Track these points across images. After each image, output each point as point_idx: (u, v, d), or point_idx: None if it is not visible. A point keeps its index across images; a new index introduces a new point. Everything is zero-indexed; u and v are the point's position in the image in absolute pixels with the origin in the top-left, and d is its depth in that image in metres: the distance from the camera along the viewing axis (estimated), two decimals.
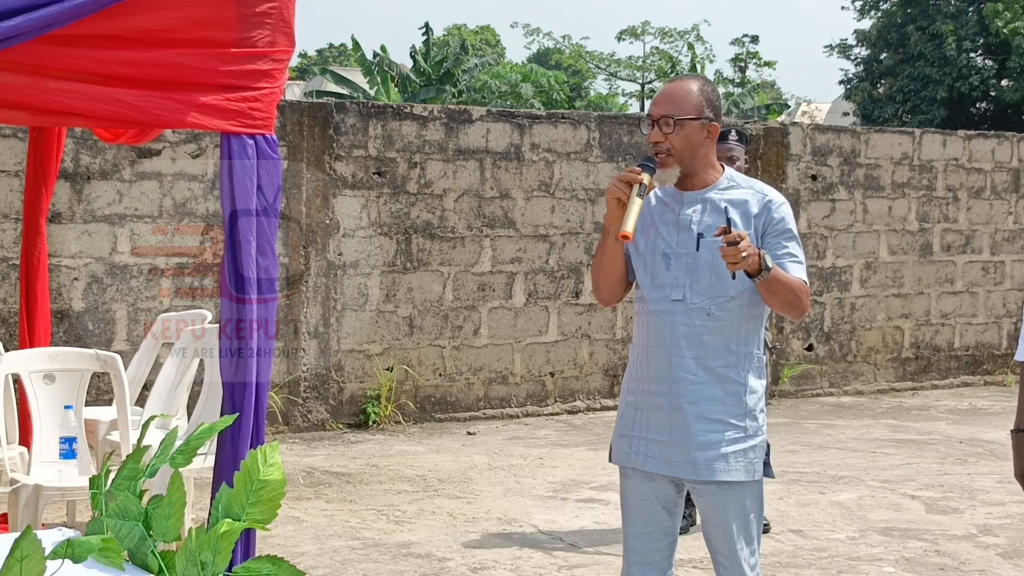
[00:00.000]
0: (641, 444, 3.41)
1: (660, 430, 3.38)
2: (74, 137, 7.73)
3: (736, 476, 3.35)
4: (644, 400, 3.41)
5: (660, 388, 3.37)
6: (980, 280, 11.45)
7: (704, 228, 3.34)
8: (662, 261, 3.37)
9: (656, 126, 3.35)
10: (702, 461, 3.34)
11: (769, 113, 35.51)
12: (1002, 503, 6.74)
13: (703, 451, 3.33)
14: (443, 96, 28.09)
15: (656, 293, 3.38)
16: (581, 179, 9.53)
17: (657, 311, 3.37)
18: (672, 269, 3.36)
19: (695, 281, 3.33)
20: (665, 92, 3.40)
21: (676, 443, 3.35)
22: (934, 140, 11.19)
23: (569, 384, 9.58)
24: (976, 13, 25.81)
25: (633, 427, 3.44)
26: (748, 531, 3.41)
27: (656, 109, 3.37)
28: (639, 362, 3.44)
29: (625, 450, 3.46)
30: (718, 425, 3.34)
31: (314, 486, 7.00)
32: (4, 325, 7.65)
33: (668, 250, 3.36)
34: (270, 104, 3.43)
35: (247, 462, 2.63)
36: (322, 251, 8.63)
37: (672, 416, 3.35)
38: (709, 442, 3.33)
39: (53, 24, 3.01)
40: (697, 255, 3.34)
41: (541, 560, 5.60)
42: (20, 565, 2.23)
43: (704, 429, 3.33)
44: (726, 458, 3.34)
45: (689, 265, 3.34)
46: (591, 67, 42.91)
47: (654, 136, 3.36)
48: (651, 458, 3.39)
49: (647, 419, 3.40)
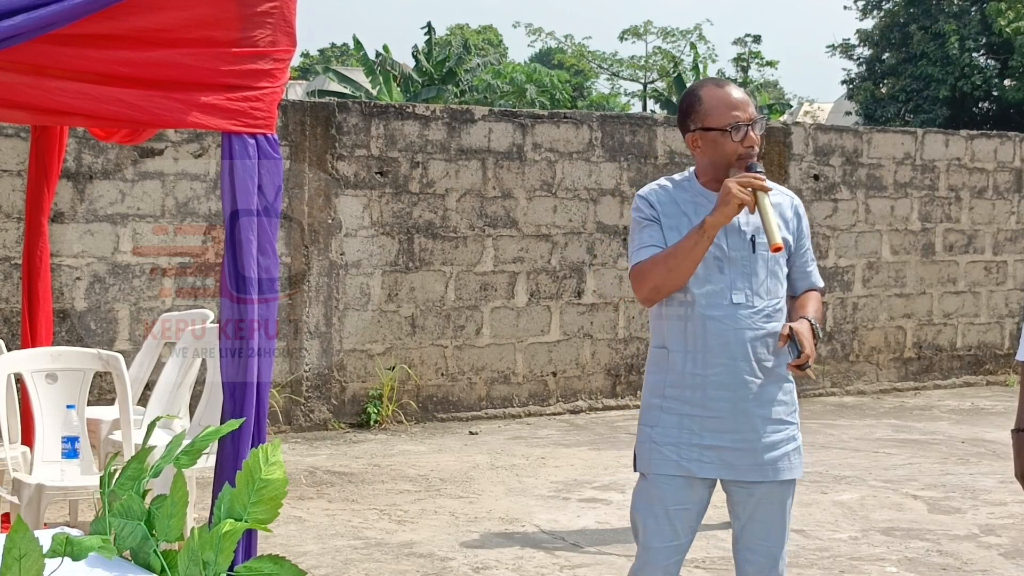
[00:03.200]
0: (694, 451, 3.34)
1: (718, 435, 3.33)
2: (76, 137, 7.73)
3: (796, 473, 3.42)
4: (695, 406, 3.33)
5: (721, 394, 3.32)
6: (982, 280, 11.44)
7: (754, 230, 3.35)
8: (715, 264, 3.32)
9: (752, 128, 3.33)
10: (769, 462, 3.36)
11: (771, 113, 35.50)
12: (1004, 503, 6.73)
13: (770, 452, 3.36)
14: (445, 96, 28.10)
15: (712, 298, 3.32)
16: (583, 179, 9.52)
17: (716, 315, 3.31)
18: (727, 272, 3.33)
19: (754, 284, 3.34)
20: (743, 94, 3.38)
21: (740, 447, 3.33)
22: (936, 140, 11.18)
23: (571, 384, 9.57)
24: (979, 12, 25.81)
25: (680, 434, 3.35)
26: (788, 526, 3.46)
27: (750, 112, 3.33)
28: (684, 367, 3.35)
29: (672, 458, 3.35)
30: (780, 425, 3.39)
31: (316, 486, 7.00)
32: (6, 324, 7.65)
33: (720, 253, 3.32)
34: (271, 104, 3.42)
35: (249, 461, 2.63)
36: (324, 251, 8.63)
37: (736, 420, 3.33)
38: (774, 442, 3.36)
39: (54, 24, 3.01)
40: (753, 257, 3.35)
41: (543, 560, 5.60)
42: (19, 564, 2.23)
43: (770, 431, 3.36)
44: (788, 456, 3.40)
45: (746, 269, 3.34)
46: (593, 67, 42.95)
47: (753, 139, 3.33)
48: (708, 464, 3.34)
49: (700, 425, 3.33)
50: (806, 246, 3.49)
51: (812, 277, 3.50)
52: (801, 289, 3.49)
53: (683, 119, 3.42)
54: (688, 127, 3.40)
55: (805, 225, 3.48)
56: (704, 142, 3.36)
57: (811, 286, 3.49)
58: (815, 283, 3.50)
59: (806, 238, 3.48)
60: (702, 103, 3.35)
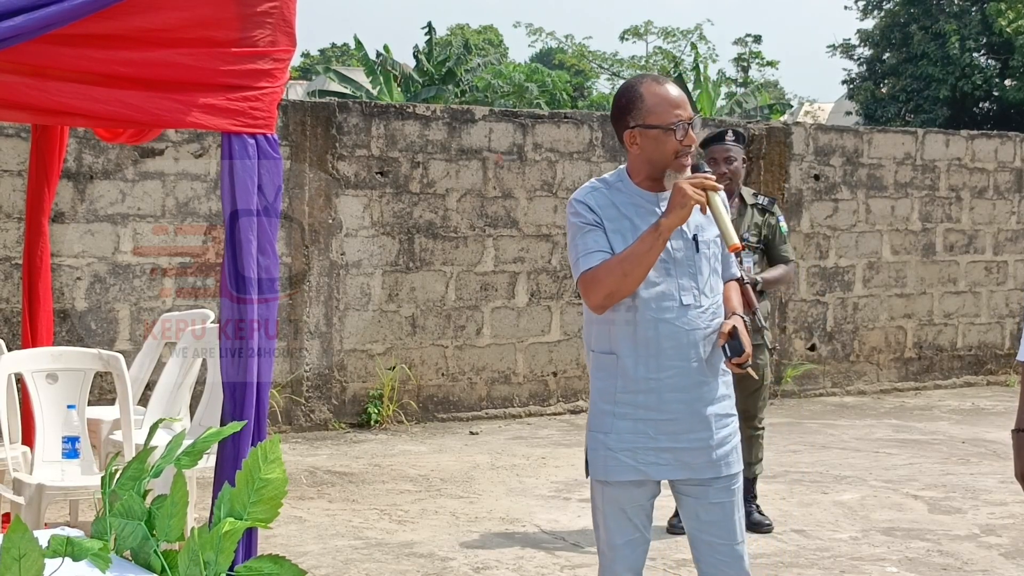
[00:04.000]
0: (650, 455, 3.33)
1: (675, 437, 3.32)
2: (77, 137, 7.73)
3: (739, 466, 3.44)
4: (650, 410, 3.32)
5: (676, 396, 3.31)
6: (983, 280, 11.44)
7: (696, 229, 3.36)
8: (661, 266, 3.29)
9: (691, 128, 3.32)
10: (721, 457, 3.37)
11: (772, 113, 35.47)
12: (1005, 503, 6.73)
13: (720, 448, 3.37)
14: (446, 96, 28.09)
15: (661, 300, 3.30)
16: (584, 179, 9.51)
17: (668, 317, 3.29)
18: (674, 274, 3.32)
19: (700, 283, 3.34)
20: (680, 92, 3.36)
21: (695, 447, 3.34)
22: (937, 140, 11.18)
23: (572, 384, 9.58)
24: (979, 12, 25.80)
25: (635, 439, 3.33)
26: (742, 520, 3.46)
27: (689, 111, 3.32)
28: (636, 371, 3.32)
29: (629, 464, 3.33)
30: (726, 419, 3.41)
31: (317, 486, 7.01)
32: (7, 324, 7.65)
33: (666, 255, 3.29)
34: (271, 104, 3.43)
35: (249, 460, 2.63)
36: (325, 251, 8.64)
37: (692, 421, 3.33)
38: (723, 438, 3.39)
39: (54, 24, 3.01)
40: (697, 257, 3.35)
41: (544, 560, 5.60)
42: (19, 564, 2.23)
43: (720, 425, 3.38)
44: (736, 450, 3.44)
45: (691, 268, 3.34)
46: (594, 67, 42.93)
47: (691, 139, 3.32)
48: (664, 466, 3.34)
49: (655, 428, 3.32)
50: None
51: (732, 267, 3.54)
52: (725, 279, 3.49)
53: (621, 115, 3.35)
54: (627, 123, 3.33)
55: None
56: (644, 139, 3.31)
57: (731, 276, 3.53)
58: (734, 274, 3.55)
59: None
60: (644, 100, 3.30)
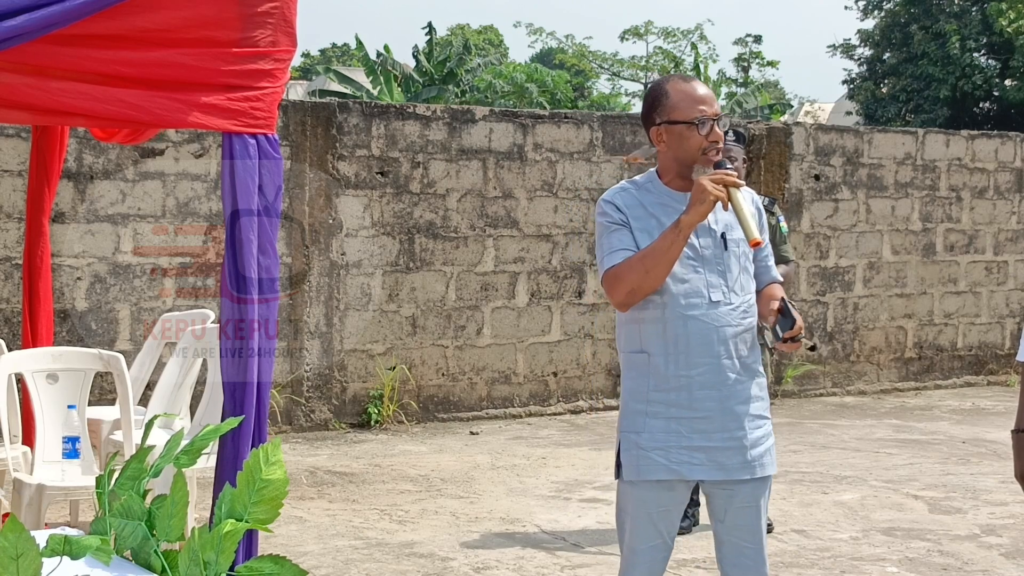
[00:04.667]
0: (683, 454, 3.32)
1: (708, 436, 3.32)
2: (77, 137, 7.73)
3: (774, 468, 3.45)
4: (682, 408, 3.32)
5: (708, 394, 3.31)
6: (983, 280, 11.44)
7: (724, 228, 3.37)
8: (689, 263, 3.32)
9: (715, 124, 3.33)
10: (755, 459, 3.37)
11: (772, 113, 35.50)
12: (1005, 503, 6.73)
13: (755, 448, 3.37)
14: (446, 96, 28.09)
15: (690, 297, 3.31)
16: (584, 179, 9.52)
17: (696, 314, 3.30)
18: (703, 271, 3.33)
19: (729, 281, 3.35)
20: (708, 90, 3.38)
21: (729, 446, 3.33)
22: (937, 140, 11.18)
23: (572, 384, 9.58)
24: (979, 12, 25.79)
25: (668, 438, 3.32)
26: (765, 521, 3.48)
27: (715, 107, 3.34)
28: (667, 370, 3.32)
29: (662, 463, 3.32)
30: (760, 420, 3.41)
31: (317, 486, 7.00)
32: (7, 325, 7.65)
33: (693, 252, 3.32)
34: (272, 104, 3.43)
35: (250, 461, 2.63)
36: (325, 251, 8.64)
37: (725, 419, 3.32)
38: (757, 438, 3.38)
39: (54, 24, 3.01)
40: (726, 254, 3.36)
41: (544, 560, 5.60)
42: (16, 564, 2.22)
43: (753, 426, 3.37)
44: (770, 452, 3.44)
45: (720, 266, 3.35)
46: (594, 67, 42.91)
47: (719, 135, 3.34)
48: (697, 466, 3.33)
49: (688, 427, 3.32)
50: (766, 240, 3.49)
51: (772, 272, 3.53)
52: (764, 283, 3.50)
53: (648, 113, 3.40)
54: (653, 120, 3.37)
55: (764, 221, 3.49)
56: (669, 136, 3.34)
57: (773, 279, 3.53)
58: (776, 277, 3.54)
59: (766, 232, 3.49)
60: (669, 97, 3.34)
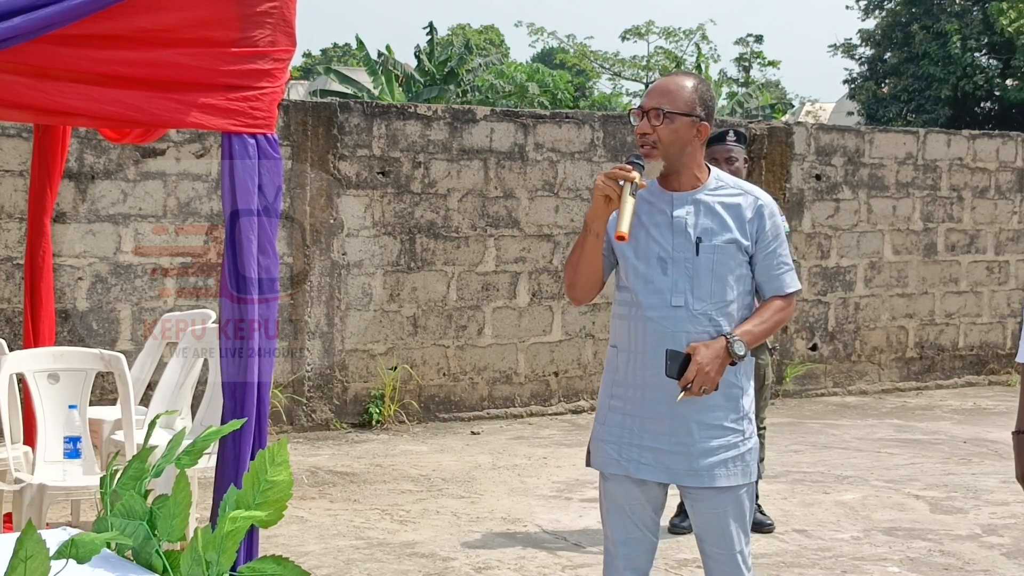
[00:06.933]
0: (633, 451, 3.33)
1: (656, 437, 3.30)
2: (78, 137, 7.73)
3: (735, 480, 3.33)
4: (636, 407, 3.32)
5: (658, 395, 3.28)
6: (984, 280, 11.44)
7: (701, 232, 3.30)
8: (658, 265, 3.30)
9: (646, 117, 3.32)
10: (703, 468, 3.30)
11: (773, 113, 35.49)
12: (1006, 503, 6.73)
13: (704, 458, 3.29)
14: (447, 96, 28.08)
15: (653, 298, 3.29)
16: (585, 179, 9.52)
17: (655, 316, 3.28)
18: (670, 274, 3.29)
19: (696, 287, 3.28)
20: (659, 85, 3.37)
21: (675, 451, 3.29)
22: (938, 140, 11.17)
23: (573, 384, 9.58)
24: (981, 12, 25.77)
25: (622, 433, 3.35)
26: (744, 530, 3.41)
27: (647, 100, 3.33)
28: (628, 367, 3.34)
29: (613, 457, 3.36)
30: (719, 430, 3.31)
31: (318, 486, 7.01)
32: (9, 325, 7.66)
33: (664, 254, 3.30)
34: (271, 103, 3.43)
35: (256, 462, 2.63)
36: (326, 251, 8.64)
37: (673, 423, 3.28)
38: (710, 448, 3.30)
39: (54, 24, 3.01)
40: (697, 260, 3.29)
41: (545, 560, 5.60)
42: (24, 565, 2.23)
43: (706, 436, 3.29)
44: (725, 464, 3.32)
45: (688, 270, 3.29)
46: (595, 67, 42.87)
47: (642, 127, 3.32)
48: (645, 465, 3.32)
49: (640, 425, 3.32)
50: (771, 248, 3.35)
51: (777, 281, 3.37)
52: (767, 294, 3.39)
53: None
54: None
55: (771, 226, 3.35)
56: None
57: (776, 291, 3.37)
58: (781, 288, 3.37)
59: (773, 240, 3.35)
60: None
